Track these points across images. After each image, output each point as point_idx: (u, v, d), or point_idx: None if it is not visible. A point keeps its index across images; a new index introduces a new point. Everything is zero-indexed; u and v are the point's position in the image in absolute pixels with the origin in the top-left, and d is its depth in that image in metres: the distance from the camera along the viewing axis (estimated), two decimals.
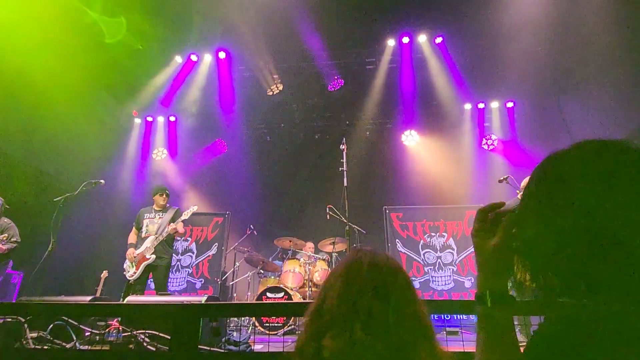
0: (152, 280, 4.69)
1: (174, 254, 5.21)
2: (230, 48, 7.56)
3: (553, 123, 6.96)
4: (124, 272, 4.59)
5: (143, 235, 4.66)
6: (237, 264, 6.08)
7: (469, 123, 8.16)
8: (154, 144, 8.39)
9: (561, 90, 6.87)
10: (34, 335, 2.46)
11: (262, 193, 8.21)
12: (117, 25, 6.46)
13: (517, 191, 4.28)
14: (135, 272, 4.43)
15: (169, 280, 5.36)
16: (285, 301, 4.87)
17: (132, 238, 4.81)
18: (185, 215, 4.65)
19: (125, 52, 7.12)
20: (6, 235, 4.07)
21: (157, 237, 4.53)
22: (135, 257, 4.49)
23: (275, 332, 4.65)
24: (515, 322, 3.85)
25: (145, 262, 4.44)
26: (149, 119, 8.44)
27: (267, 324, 4.72)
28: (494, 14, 6.46)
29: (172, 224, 4.55)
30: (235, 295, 6.12)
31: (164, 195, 4.87)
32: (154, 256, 4.47)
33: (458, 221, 6.62)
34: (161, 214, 4.80)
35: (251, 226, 6.40)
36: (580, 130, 6.37)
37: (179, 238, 6.48)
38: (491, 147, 7.87)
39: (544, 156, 0.70)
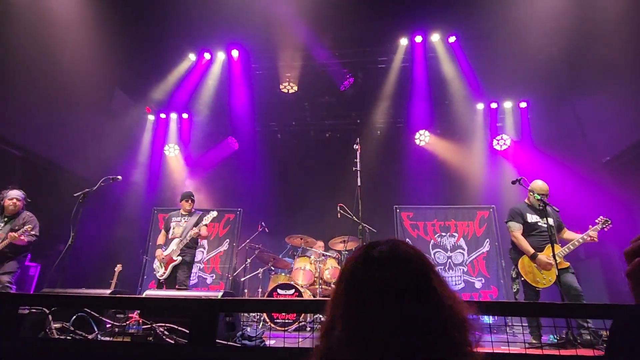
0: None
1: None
2: (243, 46, 7.63)
3: (567, 124, 6.87)
4: (154, 272, 4.96)
5: (170, 236, 4.99)
6: (249, 260, 6.16)
7: (481, 123, 8.10)
8: (167, 140, 8.51)
9: (576, 90, 6.78)
10: (58, 325, 2.55)
11: (273, 190, 8.28)
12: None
13: (530, 193, 4.24)
14: (164, 272, 4.78)
15: None
16: (299, 298, 4.93)
17: (160, 239, 5.15)
18: (206, 220, 4.95)
19: (138, 50, 7.26)
20: (30, 226, 4.15)
21: (181, 240, 4.85)
22: (163, 258, 4.81)
23: (287, 329, 4.71)
24: (526, 324, 3.83)
25: (173, 264, 4.77)
26: (162, 115, 8.55)
27: (279, 320, 4.79)
28: (508, 13, 6.40)
29: (194, 228, 4.86)
30: (246, 291, 6.20)
31: (190, 201, 5.18)
32: (180, 258, 4.80)
33: (469, 221, 6.59)
34: (187, 217, 5.11)
35: (262, 223, 6.46)
36: (594, 131, 6.29)
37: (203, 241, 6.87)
38: (503, 147, 7.80)
39: (557, 157, 0.69)
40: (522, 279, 4.03)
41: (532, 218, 4.18)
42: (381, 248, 0.77)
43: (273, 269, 6.06)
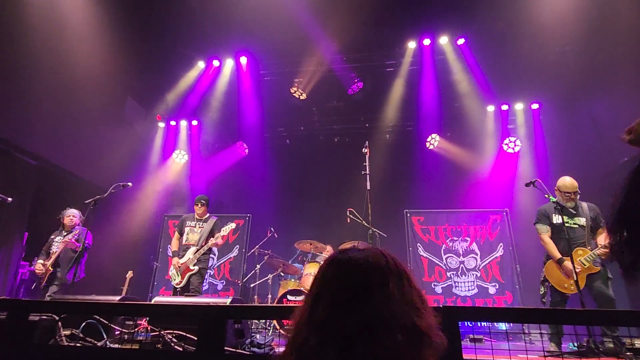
0: None
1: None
2: (251, 53, 7.69)
3: (581, 125, 6.72)
4: (171, 281, 4.92)
5: (184, 242, 4.93)
6: (258, 266, 6.13)
7: (492, 125, 7.97)
8: (177, 147, 8.59)
9: (589, 91, 6.63)
10: (67, 332, 2.55)
11: (282, 196, 8.27)
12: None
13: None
14: (181, 281, 4.74)
15: None
16: None
17: (174, 245, 5.08)
18: (224, 232, 4.86)
19: (149, 59, 7.39)
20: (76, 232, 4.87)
21: (198, 250, 4.79)
22: (179, 266, 4.77)
23: None
24: (544, 331, 3.70)
25: (190, 273, 4.73)
26: (172, 123, 8.65)
27: (288, 327, 4.73)
28: (517, 14, 6.33)
29: (212, 239, 4.81)
30: (256, 297, 6.17)
31: (199, 205, 5.07)
32: (196, 267, 4.76)
33: (481, 226, 6.46)
34: (201, 223, 5.03)
35: (272, 228, 6.45)
36: (609, 132, 6.12)
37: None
38: (515, 149, 7.64)
39: (571, 159, 0.66)
40: (549, 283, 3.86)
41: (557, 219, 3.89)
42: (352, 253, 0.81)
43: (283, 274, 6.03)
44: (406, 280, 0.79)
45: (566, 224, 3.76)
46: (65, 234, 4.98)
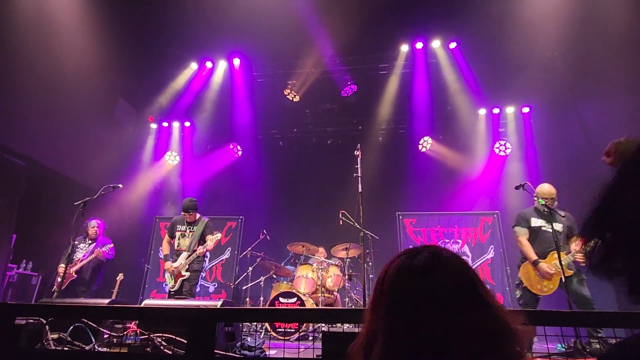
0: None
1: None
2: (244, 54, 7.68)
3: (571, 128, 6.81)
4: (164, 285, 5.03)
5: (175, 247, 4.88)
6: (250, 268, 6.11)
7: (483, 128, 8.05)
8: (169, 148, 8.54)
9: (579, 95, 6.73)
10: (55, 336, 2.52)
11: (275, 198, 8.25)
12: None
13: (535, 197, 4.17)
14: (174, 285, 4.71)
15: None
16: (300, 307, 4.86)
17: (165, 248, 5.01)
18: (210, 241, 4.74)
19: (141, 59, 7.34)
20: (109, 246, 5.15)
21: (189, 256, 4.74)
22: (173, 270, 4.73)
23: (288, 338, 4.64)
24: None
25: (182, 278, 4.72)
26: (165, 124, 8.59)
27: (280, 329, 4.73)
28: (509, 18, 6.40)
29: (200, 247, 4.75)
30: (248, 299, 6.15)
31: (187, 214, 4.89)
32: (188, 273, 4.73)
33: (473, 228, 6.52)
34: (192, 227, 4.93)
35: (264, 231, 6.43)
36: (599, 136, 6.22)
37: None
38: (505, 152, 7.72)
39: (560, 162, 0.66)
40: (524, 285, 3.97)
41: (536, 222, 4.06)
42: (423, 256, 0.74)
43: (275, 277, 6.01)
44: (480, 281, 0.73)
45: (543, 228, 3.95)
46: (90, 242, 5.25)
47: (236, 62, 7.72)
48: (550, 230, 3.83)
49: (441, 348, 0.63)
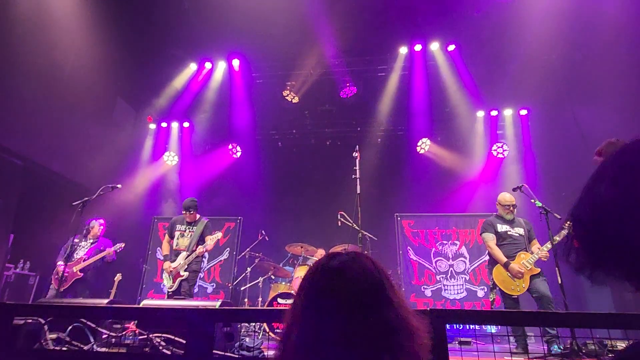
0: None
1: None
2: (244, 55, 7.69)
3: (568, 131, 6.85)
4: (162, 285, 5.01)
5: (175, 247, 4.86)
6: (249, 269, 6.11)
7: (481, 130, 8.09)
8: (168, 149, 8.53)
9: (577, 97, 6.78)
10: (53, 336, 2.52)
11: (274, 198, 8.26)
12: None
13: (532, 200, 4.21)
14: (172, 285, 4.70)
15: None
16: None
17: (165, 249, 5.00)
18: (210, 241, 4.76)
19: (140, 59, 7.34)
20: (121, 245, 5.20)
21: (188, 256, 4.74)
22: (171, 271, 4.72)
23: None
24: (532, 334, 3.78)
25: (180, 278, 4.70)
26: (164, 124, 8.59)
27: (279, 330, 4.73)
28: (507, 21, 6.44)
29: (200, 247, 4.75)
30: (246, 300, 6.15)
31: (188, 213, 4.91)
32: (186, 273, 4.72)
33: (470, 229, 6.55)
34: (192, 227, 4.93)
35: (263, 231, 6.43)
36: (596, 138, 6.25)
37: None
38: (502, 154, 7.74)
39: (558, 165, 0.66)
40: (498, 288, 4.11)
41: (502, 228, 4.33)
42: (341, 258, 0.81)
43: (273, 277, 6.01)
44: (390, 284, 0.80)
45: (509, 232, 4.25)
46: (91, 241, 5.21)
47: (235, 63, 7.73)
48: (516, 234, 4.21)
49: (346, 341, 0.69)
